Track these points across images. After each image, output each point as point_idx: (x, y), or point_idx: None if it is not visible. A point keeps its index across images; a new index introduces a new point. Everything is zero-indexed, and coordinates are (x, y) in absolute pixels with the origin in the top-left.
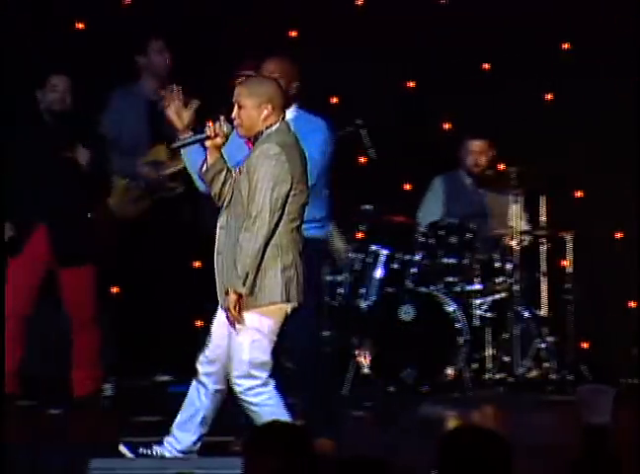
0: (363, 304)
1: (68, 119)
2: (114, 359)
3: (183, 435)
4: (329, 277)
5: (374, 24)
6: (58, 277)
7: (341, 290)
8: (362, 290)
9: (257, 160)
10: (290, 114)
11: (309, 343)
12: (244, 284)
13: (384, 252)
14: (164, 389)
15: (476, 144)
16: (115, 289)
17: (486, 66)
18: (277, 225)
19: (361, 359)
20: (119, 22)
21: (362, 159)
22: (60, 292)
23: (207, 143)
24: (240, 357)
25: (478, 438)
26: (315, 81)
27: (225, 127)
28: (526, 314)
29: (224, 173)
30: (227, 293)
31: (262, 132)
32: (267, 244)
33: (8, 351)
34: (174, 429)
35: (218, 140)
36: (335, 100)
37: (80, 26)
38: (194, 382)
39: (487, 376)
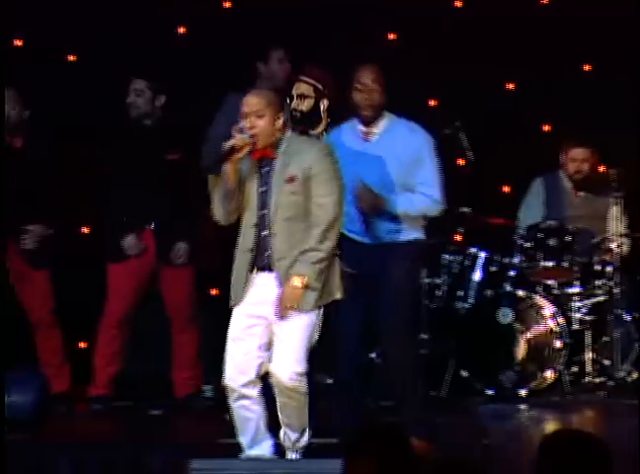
0: (462, 307)
1: (163, 123)
2: (213, 361)
3: (260, 450)
4: (427, 280)
5: (473, 25)
6: (159, 278)
7: (439, 293)
8: (461, 293)
9: (316, 160)
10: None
11: (403, 344)
12: (316, 280)
13: (483, 254)
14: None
15: (579, 152)
16: (214, 291)
17: (587, 67)
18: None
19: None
20: (218, 27)
21: (461, 161)
22: (161, 293)
23: (233, 156)
24: (294, 351)
25: (577, 442)
26: (413, 83)
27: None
28: (627, 317)
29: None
30: (290, 286)
31: (277, 141)
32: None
33: (104, 354)
34: (248, 452)
35: (245, 151)
36: (433, 102)
37: (182, 30)
38: (234, 405)
39: (586, 380)
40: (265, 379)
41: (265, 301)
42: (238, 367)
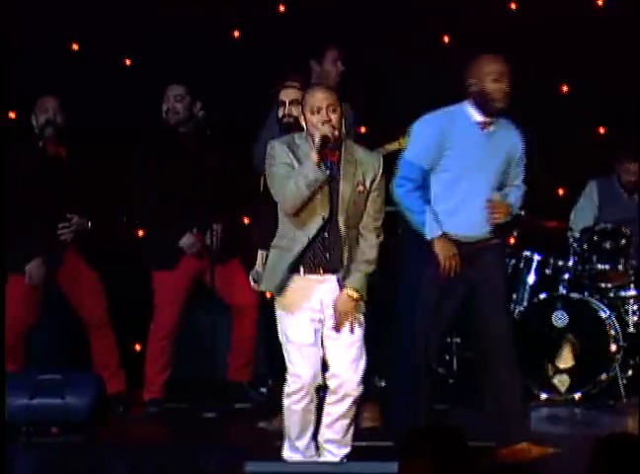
0: (516, 310)
1: (204, 126)
2: (268, 364)
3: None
4: None
5: (527, 25)
6: (213, 278)
7: None
8: (515, 296)
9: (379, 176)
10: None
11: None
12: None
13: (537, 257)
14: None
15: (632, 166)
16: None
17: None
18: None
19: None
20: (273, 30)
21: None
22: (217, 291)
23: (320, 153)
24: (359, 361)
25: (631, 446)
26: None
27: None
28: None
29: None
30: (348, 298)
31: (343, 140)
32: None
33: (156, 362)
34: (293, 454)
35: (336, 140)
36: None
37: (236, 34)
38: (303, 407)
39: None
40: None
41: (324, 305)
42: (313, 370)
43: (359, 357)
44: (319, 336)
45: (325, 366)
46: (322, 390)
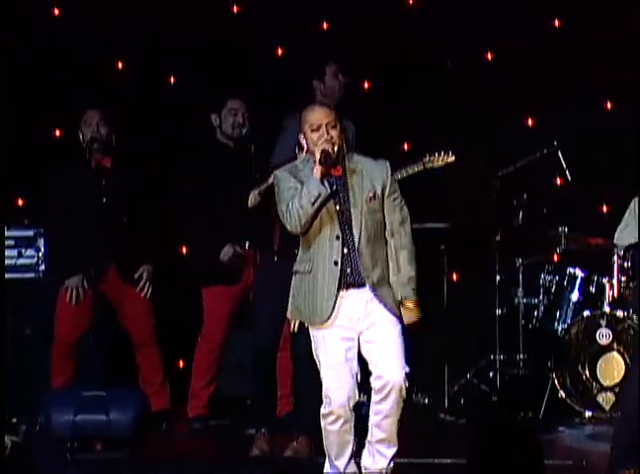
0: (559, 327)
1: (247, 143)
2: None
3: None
4: (524, 300)
5: (570, 42)
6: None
7: (536, 313)
8: (558, 313)
9: (389, 179)
10: None
11: None
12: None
13: (580, 274)
14: (360, 409)
15: None
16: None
17: None
18: None
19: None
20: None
21: (559, 180)
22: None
23: (322, 168)
24: (400, 357)
25: None
26: (511, 103)
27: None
28: None
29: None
30: (405, 309)
31: (345, 154)
32: None
33: (202, 377)
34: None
35: (336, 157)
36: (531, 121)
37: (280, 52)
38: (340, 429)
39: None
40: None
41: (354, 320)
42: (348, 391)
43: (399, 355)
44: (352, 353)
45: (367, 370)
46: (361, 407)
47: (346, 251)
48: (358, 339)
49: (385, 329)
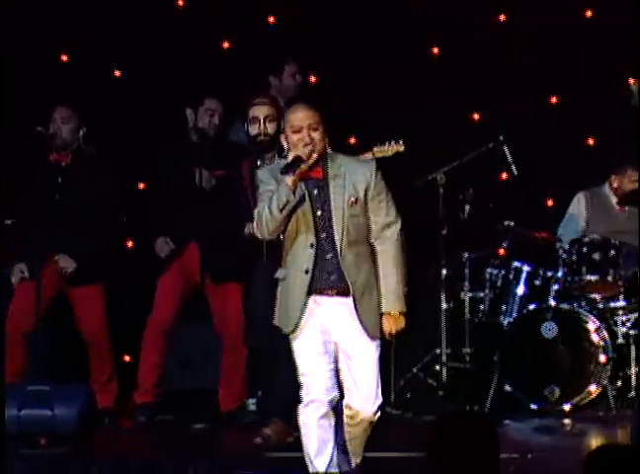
0: (505, 321)
1: (218, 142)
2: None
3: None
4: (470, 294)
5: (515, 38)
6: (207, 296)
7: (482, 307)
8: (504, 307)
9: (373, 180)
10: None
11: None
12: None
13: (526, 268)
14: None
15: (635, 174)
16: None
17: (631, 80)
18: None
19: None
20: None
21: (505, 175)
22: (212, 311)
23: (300, 168)
24: (375, 381)
25: (624, 457)
26: (457, 97)
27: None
28: None
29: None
30: (396, 320)
31: (326, 156)
32: None
33: (148, 361)
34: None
35: (311, 162)
36: (477, 116)
37: (226, 45)
38: (318, 422)
39: (631, 394)
40: None
41: (333, 327)
42: (325, 379)
43: (374, 384)
44: (331, 349)
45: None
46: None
47: (328, 256)
48: (336, 345)
49: (364, 350)
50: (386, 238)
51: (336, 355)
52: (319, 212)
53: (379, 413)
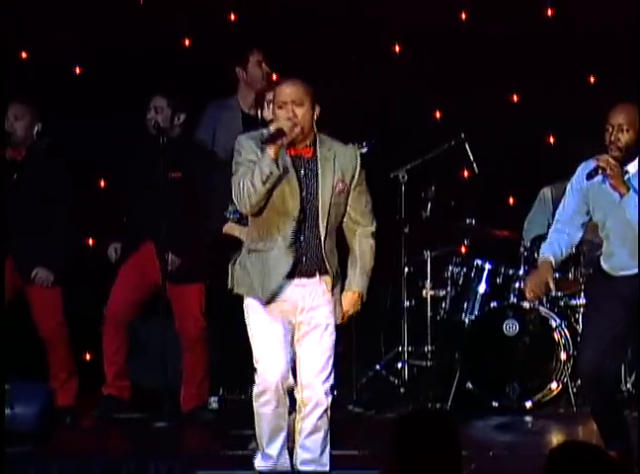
0: (466, 319)
1: (174, 139)
2: (220, 373)
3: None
4: (431, 292)
5: (477, 36)
6: (168, 296)
7: (444, 305)
8: (465, 305)
9: (359, 171)
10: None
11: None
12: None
13: (488, 266)
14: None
15: None
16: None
17: (591, 79)
18: None
19: None
20: (221, 36)
21: (466, 172)
22: (173, 311)
23: (279, 141)
24: (328, 363)
25: (585, 455)
26: (418, 96)
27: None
28: None
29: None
30: (355, 297)
31: (312, 141)
32: None
33: (105, 354)
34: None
35: (293, 136)
36: (438, 114)
37: (187, 42)
38: (270, 410)
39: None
40: None
41: (298, 309)
42: (281, 366)
43: (328, 367)
44: (289, 336)
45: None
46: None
47: (302, 239)
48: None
49: (324, 331)
50: (366, 224)
51: (292, 336)
52: (304, 194)
53: (330, 397)
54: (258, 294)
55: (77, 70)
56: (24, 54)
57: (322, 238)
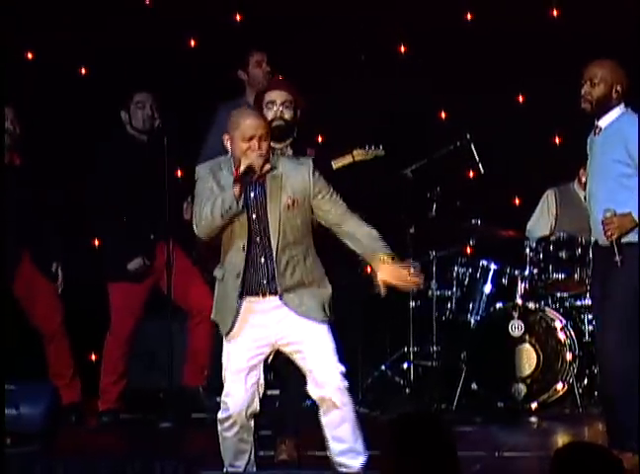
0: (472, 319)
1: (158, 137)
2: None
3: None
4: (437, 292)
5: (484, 37)
6: (169, 285)
7: (449, 305)
8: (471, 305)
9: (312, 180)
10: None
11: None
12: None
13: (493, 267)
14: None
15: None
16: None
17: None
18: None
19: None
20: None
21: (472, 173)
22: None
23: (249, 177)
24: (333, 357)
25: (591, 456)
26: (424, 96)
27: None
28: None
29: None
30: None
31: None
32: None
33: (112, 372)
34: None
35: (264, 171)
36: (444, 115)
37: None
38: (234, 437)
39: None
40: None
41: (268, 329)
42: (246, 399)
43: (333, 359)
44: (259, 360)
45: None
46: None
47: (262, 260)
48: (274, 348)
49: (315, 336)
50: (349, 217)
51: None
52: (254, 216)
53: (346, 382)
54: (218, 323)
55: (81, 71)
56: (29, 55)
57: (274, 258)
